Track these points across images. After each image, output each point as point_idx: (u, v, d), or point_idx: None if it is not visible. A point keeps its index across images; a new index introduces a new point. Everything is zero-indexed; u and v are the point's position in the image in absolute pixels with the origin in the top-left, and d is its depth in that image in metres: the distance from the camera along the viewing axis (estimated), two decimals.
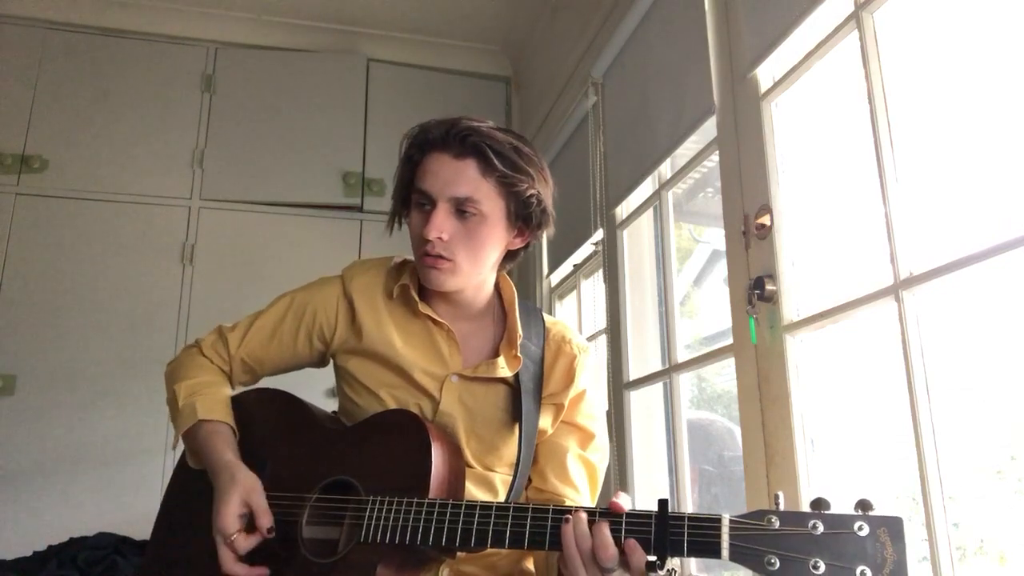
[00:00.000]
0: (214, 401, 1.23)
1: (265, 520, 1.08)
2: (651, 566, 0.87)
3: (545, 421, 1.24)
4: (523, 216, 1.20)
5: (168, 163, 2.94)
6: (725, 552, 0.83)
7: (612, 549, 0.88)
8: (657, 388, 2.15)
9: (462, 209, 1.15)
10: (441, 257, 1.15)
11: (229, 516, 1.06)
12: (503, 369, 1.22)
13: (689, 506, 1.88)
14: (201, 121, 3.01)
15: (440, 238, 1.14)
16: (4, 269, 2.70)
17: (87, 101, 2.92)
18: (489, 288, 1.27)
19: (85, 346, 2.70)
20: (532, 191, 1.18)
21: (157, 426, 2.63)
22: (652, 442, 2.18)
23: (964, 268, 1.12)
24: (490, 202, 1.16)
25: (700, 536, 0.85)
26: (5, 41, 2.89)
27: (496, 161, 1.14)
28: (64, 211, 2.80)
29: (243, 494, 1.08)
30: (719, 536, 0.83)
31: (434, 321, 1.23)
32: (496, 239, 1.19)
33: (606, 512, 0.91)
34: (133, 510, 2.51)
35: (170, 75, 3.03)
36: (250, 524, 1.08)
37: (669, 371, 1.96)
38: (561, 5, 2.86)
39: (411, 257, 1.25)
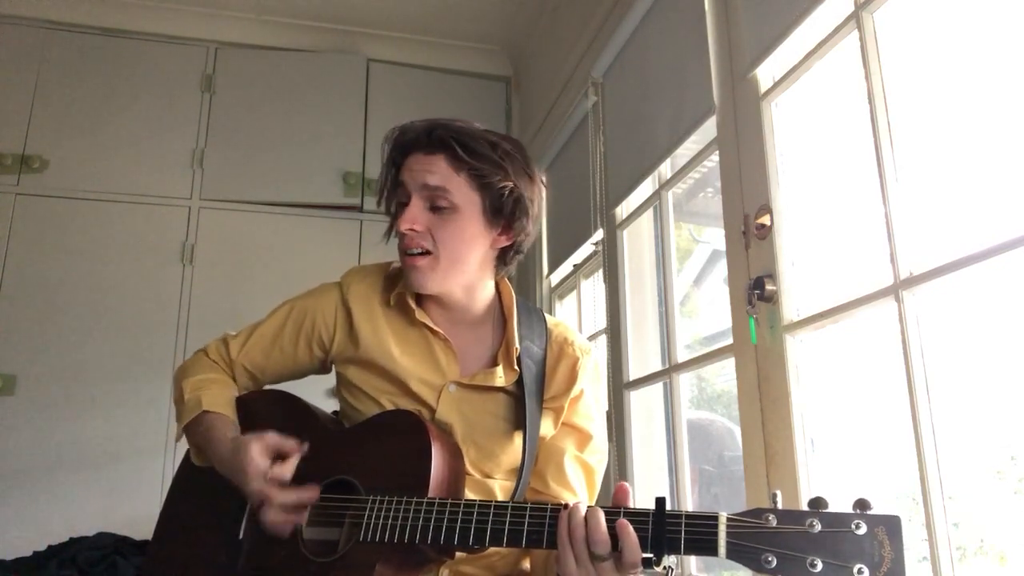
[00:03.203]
0: (218, 396, 1.24)
1: (290, 443, 1.09)
2: (647, 563, 0.87)
3: (546, 426, 1.23)
4: (498, 209, 1.19)
5: (168, 163, 2.94)
6: (722, 550, 0.83)
7: (603, 532, 0.88)
8: (657, 388, 2.15)
9: (436, 204, 1.16)
10: (422, 254, 1.16)
11: (257, 458, 1.07)
12: (500, 378, 1.21)
13: (689, 506, 1.88)
14: (201, 121, 3.01)
15: (414, 229, 1.16)
16: (4, 269, 2.70)
17: (87, 101, 2.92)
18: (487, 292, 1.27)
19: (85, 346, 2.70)
20: (506, 183, 1.18)
21: (157, 426, 2.63)
22: (652, 442, 2.18)
23: (964, 268, 1.12)
24: (462, 195, 1.17)
25: (697, 534, 0.85)
26: (5, 41, 2.89)
27: (464, 154, 1.16)
28: (64, 211, 2.80)
29: (258, 440, 1.09)
30: (716, 534, 0.83)
31: (431, 330, 1.23)
32: (473, 233, 1.19)
33: (604, 506, 0.92)
34: (133, 510, 2.51)
35: (170, 75, 3.03)
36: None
37: (669, 371, 1.96)
38: (561, 5, 2.86)
39: None
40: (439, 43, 3.32)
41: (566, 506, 0.92)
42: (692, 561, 1.83)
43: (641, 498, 2.09)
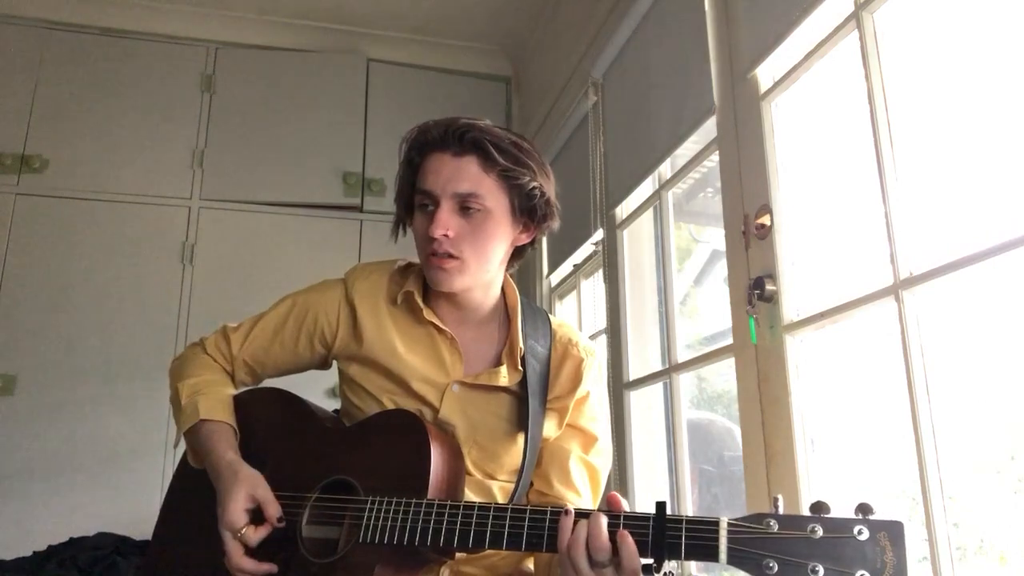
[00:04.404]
0: (216, 400, 1.23)
1: (273, 510, 1.08)
2: (647, 569, 0.86)
3: (549, 427, 1.23)
4: (527, 210, 1.19)
5: (168, 163, 2.94)
6: (723, 555, 0.82)
7: (604, 539, 0.87)
8: (657, 388, 2.15)
9: (466, 205, 1.14)
10: (449, 256, 1.15)
11: (236, 510, 1.06)
12: (504, 378, 1.21)
13: (689, 506, 1.88)
14: (201, 121, 3.01)
15: (446, 235, 1.13)
16: (4, 269, 2.70)
17: (87, 101, 2.92)
18: (496, 290, 1.26)
19: (85, 346, 2.70)
20: (534, 184, 1.17)
21: (157, 426, 2.62)
22: (652, 442, 2.18)
23: (964, 268, 1.12)
24: (493, 197, 1.15)
25: (697, 539, 0.84)
26: (5, 41, 2.89)
27: (497, 155, 1.14)
28: (64, 211, 2.80)
29: (248, 488, 1.08)
30: (717, 539, 0.83)
31: (437, 328, 1.23)
32: (502, 234, 1.18)
33: (606, 512, 0.91)
34: (133, 510, 2.50)
35: (170, 75, 3.03)
36: (256, 518, 1.08)
37: (669, 371, 1.96)
38: (561, 5, 2.86)
39: (415, 260, 1.24)
40: (439, 43, 3.32)
41: (567, 512, 0.92)
42: (692, 564, 1.82)
43: (641, 498, 2.09)
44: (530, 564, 1.25)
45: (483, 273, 1.19)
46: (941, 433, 1.14)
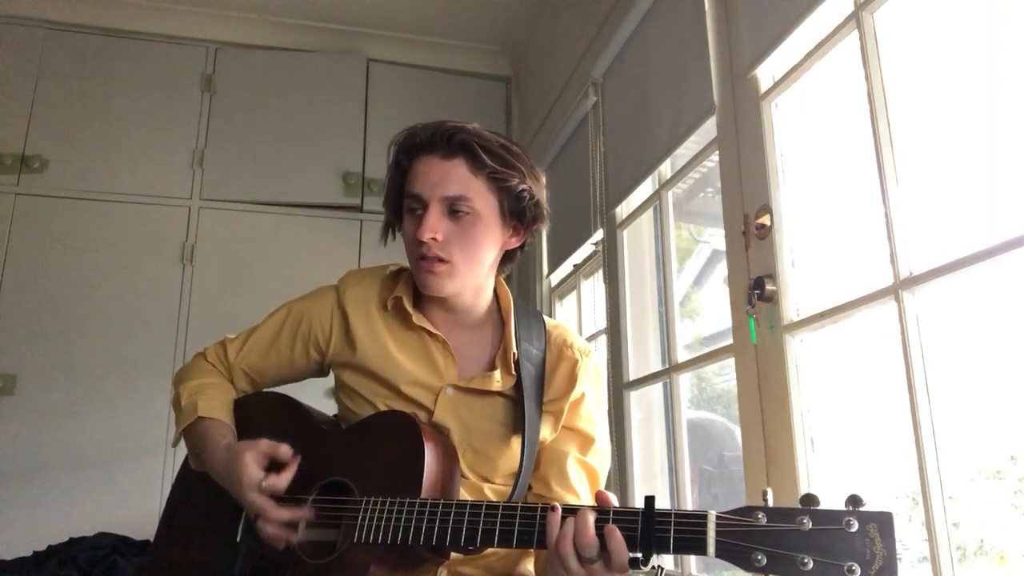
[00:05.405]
0: (215, 401, 1.23)
1: (284, 450, 1.09)
2: (635, 563, 0.86)
3: (546, 430, 1.22)
4: (517, 212, 1.19)
5: (168, 163, 2.94)
6: (711, 548, 0.82)
7: (591, 534, 0.87)
8: (657, 388, 2.15)
9: (455, 209, 1.14)
10: (438, 260, 1.14)
11: (251, 469, 1.07)
12: (498, 382, 1.20)
13: (689, 506, 1.88)
14: (201, 121, 3.01)
15: (435, 239, 1.13)
16: (4, 269, 2.70)
17: (87, 101, 2.92)
18: (488, 294, 1.26)
19: (85, 346, 2.70)
20: (524, 186, 1.17)
21: (157, 426, 2.63)
22: (652, 442, 2.18)
23: (964, 268, 1.12)
24: (482, 200, 1.15)
25: (686, 533, 0.84)
26: (5, 41, 2.89)
27: (485, 157, 1.14)
28: (64, 211, 2.80)
29: (250, 450, 1.09)
30: (705, 532, 0.82)
31: (429, 332, 1.23)
32: (491, 237, 1.18)
33: (594, 508, 0.91)
34: (133, 510, 2.51)
35: (170, 75, 3.03)
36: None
37: (669, 371, 1.96)
38: (561, 5, 2.86)
39: (407, 264, 1.24)
40: (439, 43, 3.32)
41: (553, 508, 0.92)
42: (692, 561, 1.82)
43: (641, 498, 2.08)
44: (529, 565, 1.25)
45: (473, 277, 1.19)
46: (941, 433, 1.14)
